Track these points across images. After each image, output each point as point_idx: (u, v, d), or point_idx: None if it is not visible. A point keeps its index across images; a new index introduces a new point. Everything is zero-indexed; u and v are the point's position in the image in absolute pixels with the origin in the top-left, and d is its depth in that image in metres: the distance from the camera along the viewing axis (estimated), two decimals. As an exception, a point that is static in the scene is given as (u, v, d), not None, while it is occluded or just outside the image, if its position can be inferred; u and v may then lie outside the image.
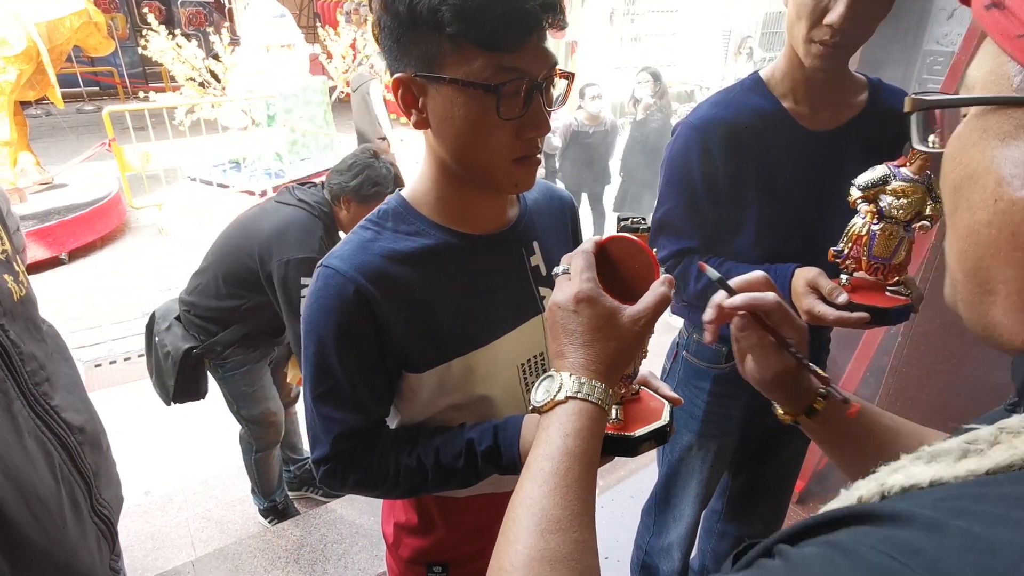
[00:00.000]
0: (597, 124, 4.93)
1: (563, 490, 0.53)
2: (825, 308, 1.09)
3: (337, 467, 0.88)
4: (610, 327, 0.60)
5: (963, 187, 0.42)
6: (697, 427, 1.51)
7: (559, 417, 0.58)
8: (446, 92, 0.73)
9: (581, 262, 0.63)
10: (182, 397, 2.20)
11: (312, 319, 0.84)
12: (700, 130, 1.27)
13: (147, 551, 2.47)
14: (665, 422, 0.75)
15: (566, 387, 0.59)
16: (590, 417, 0.58)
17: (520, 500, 0.55)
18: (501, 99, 0.72)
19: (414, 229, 0.87)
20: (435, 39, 0.71)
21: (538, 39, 0.72)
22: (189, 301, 2.14)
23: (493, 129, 0.74)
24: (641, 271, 0.66)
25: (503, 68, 0.71)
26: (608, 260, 0.68)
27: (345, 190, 2.04)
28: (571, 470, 0.54)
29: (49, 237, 5.23)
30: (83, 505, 0.96)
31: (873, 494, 0.37)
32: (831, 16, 1.07)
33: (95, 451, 1.02)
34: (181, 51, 6.90)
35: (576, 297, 0.61)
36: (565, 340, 0.61)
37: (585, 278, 0.62)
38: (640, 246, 0.66)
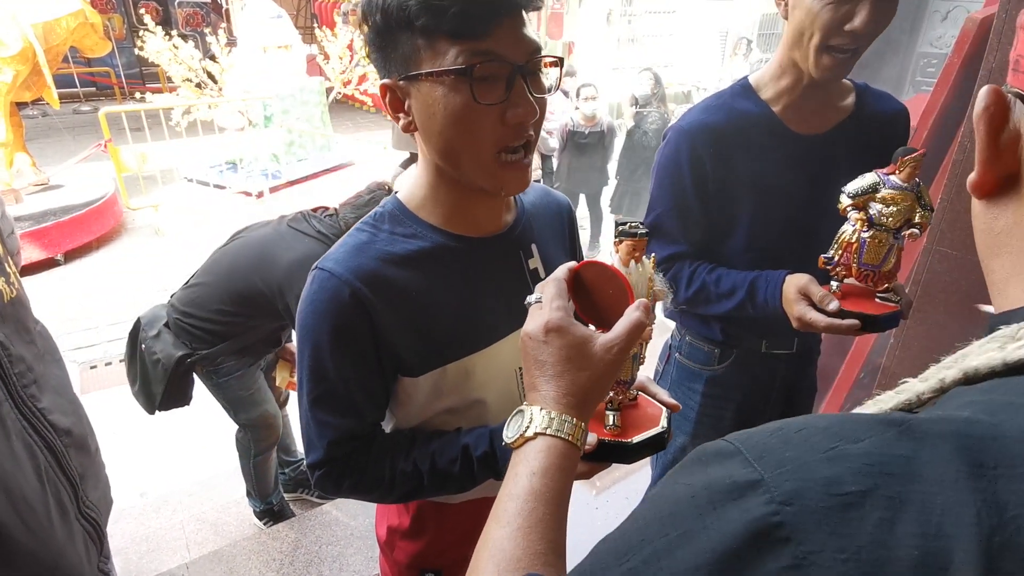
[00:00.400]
0: (593, 125, 4.93)
1: (526, 531, 0.51)
2: (816, 315, 1.10)
3: (332, 472, 0.88)
4: (581, 357, 0.58)
5: None
6: (690, 428, 1.52)
7: (527, 455, 0.56)
8: (425, 88, 0.74)
9: (552, 290, 0.62)
10: (169, 405, 2.15)
11: (307, 322, 0.83)
12: (690, 135, 1.27)
13: (141, 553, 2.47)
14: (663, 429, 0.75)
15: (536, 423, 0.57)
16: (559, 454, 0.55)
17: (483, 542, 0.53)
18: (475, 83, 0.71)
19: (410, 232, 0.86)
20: (409, 39, 0.72)
21: (512, 23, 0.72)
22: (184, 311, 2.08)
23: (475, 117, 0.73)
24: (615, 296, 0.65)
25: (476, 53, 0.70)
26: (584, 285, 0.66)
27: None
28: (535, 511, 0.52)
29: (45, 238, 5.21)
30: (69, 507, 0.96)
31: (953, 378, 0.37)
32: (855, 22, 1.06)
33: (81, 453, 1.02)
34: (178, 52, 6.89)
35: (546, 327, 0.59)
36: (537, 372, 0.60)
37: (555, 307, 0.60)
38: (612, 271, 0.65)
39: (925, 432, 0.31)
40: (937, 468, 0.30)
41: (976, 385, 0.35)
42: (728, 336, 1.42)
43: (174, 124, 6.40)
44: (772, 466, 0.32)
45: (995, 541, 0.27)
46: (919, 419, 0.33)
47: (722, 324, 1.41)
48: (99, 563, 1.04)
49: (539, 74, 0.77)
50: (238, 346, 2.11)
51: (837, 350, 2.41)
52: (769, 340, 1.41)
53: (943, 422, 0.32)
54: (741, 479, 0.33)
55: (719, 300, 1.29)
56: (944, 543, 0.28)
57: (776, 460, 0.32)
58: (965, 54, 1.94)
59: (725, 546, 0.31)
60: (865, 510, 0.29)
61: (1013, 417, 0.31)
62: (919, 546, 0.28)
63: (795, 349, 1.42)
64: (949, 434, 0.31)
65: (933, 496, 0.29)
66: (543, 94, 0.77)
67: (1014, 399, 0.32)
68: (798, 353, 1.43)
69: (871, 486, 0.30)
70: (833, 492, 0.30)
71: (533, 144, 0.80)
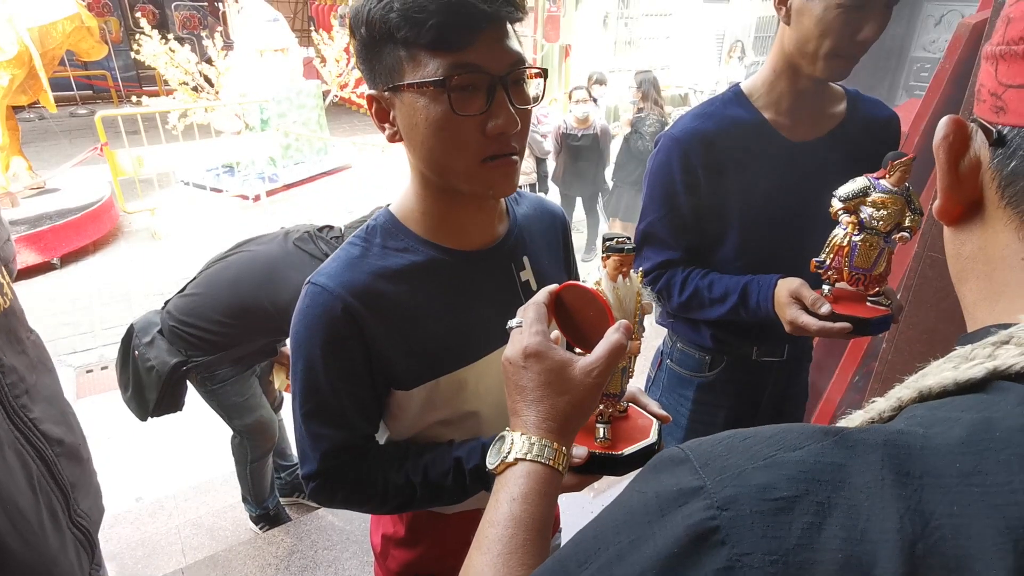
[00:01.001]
0: (586, 127, 4.94)
1: (506, 557, 0.51)
2: (808, 318, 1.11)
3: (326, 483, 0.88)
4: (560, 381, 0.58)
5: None
6: (681, 435, 1.52)
7: (508, 481, 0.56)
8: (408, 99, 0.74)
9: (531, 314, 0.62)
10: (161, 411, 2.14)
11: (300, 336, 0.84)
12: (682, 142, 1.28)
13: (137, 558, 2.46)
14: (653, 440, 0.75)
15: (516, 448, 0.57)
16: (540, 479, 0.55)
17: (465, 569, 0.53)
18: (453, 95, 0.71)
19: (402, 245, 0.87)
20: (392, 51, 0.73)
21: (493, 34, 0.72)
22: (181, 319, 2.06)
23: (456, 128, 0.74)
24: (596, 318, 0.65)
25: (455, 65, 0.71)
26: (565, 308, 0.66)
27: None
28: (515, 537, 0.52)
29: (41, 242, 5.20)
30: (61, 516, 0.97)
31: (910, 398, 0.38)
32: (867, 31, 1.08)
33: (73, 463, 1.03)
34: (174, 55, 6.89)
35: (524, 352, 0.59)
36: (517, 397, 0.59)
37: (534, 331, 0.60)
38: (592, 294, 0.65)
39: (857, 441, 0.32)
40: (865, 475, 0.31)
41: (927, 403, 0.36)
42: (719, 343, 1.42)
43: (170, 127, 6.39)
44: (714, 473, 0.33)
45: (918, 548, 0.28)
46: (855, 429, 0.34)
47: (713, 330, 1.41)
48: (90, 571, 1.05)
49: (522, 85, 0.77)
50: (235, 356, 2.12)
51: (831, 354, 2.41)
52: (760, 347, 1.41)
53: (876, 432, 0.33)
54: (686, 486, 0.34)
55: (712, 305, 1.29)
56: (868, 547, 0.29)
57: (719, 467, 0.34)
58: (958, 59, 1.95)
59: (668, 550, 0.32)
60: (794, 514, 0.30)
61: (946, 431, 0.32)
62: (844, 550, 0.29)
63: (785, 356, 1.43)
64: (879, 443, 0.32)
65: (860, 502, 0.30)
66: (526, 105, 0.77)
67: (952, 414, 0.33)
68: (788, 361, 1.44)
69: (802, 492, 0.31)
70: (766, 497, 0.31)
71: (520, 152, 0.80)
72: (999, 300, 0.40)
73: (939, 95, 2.02)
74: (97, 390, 3.72)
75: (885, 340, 2.02)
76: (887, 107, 1.32)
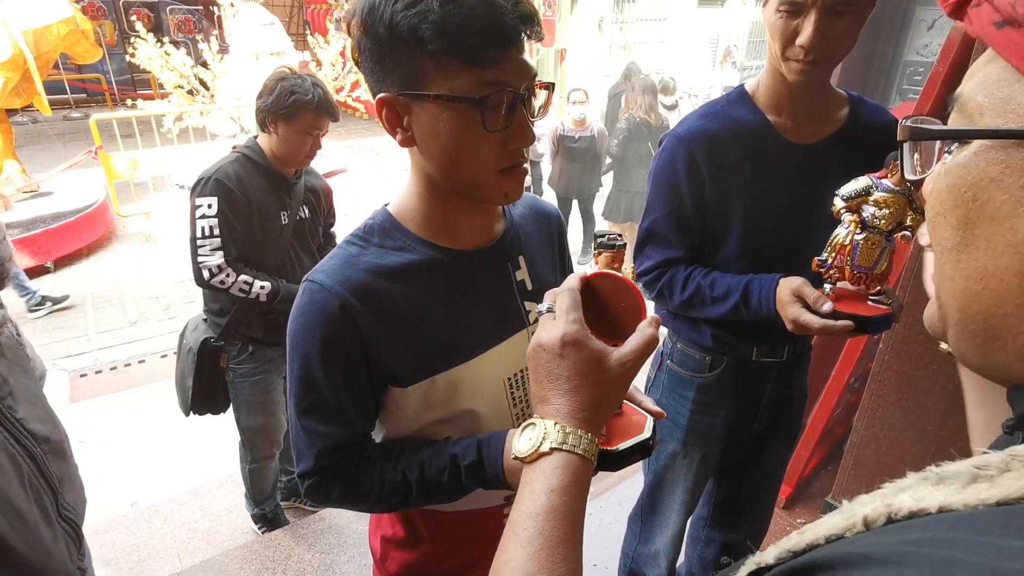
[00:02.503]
0: (583, 129, 4.94)
1: (548, 551, 0.50)
2: (810, 317, 1.11)
3: (321, 481, 0.88)
4: (597, 372, 0.57)
5: (979, 225, 0.37)
6: (682, 435, 1.52)
7: (543, 471, 0.55)
8: (431, 109, 0.74)
9: (567, 301, 0.61)
10: (201, 402, 2.18)
11: (297, 333, 0.84)
12: (687, 141, 1.28)
13: (132, 563, 2.44)
14: (647, 436, 0.75)
15: (551, 438, 0.56)
16: (576, 470, 0.55)
17: (504, 561, 0.52)
18: (486, 112, 0.72)
19: (400, 244, 0.87)
20: (417, 57, 0.71)
21: (518, 51, 0.73)
22: (204, 303, 2.18)
23: (479, 142, 0.75)
24: (627, 308, 0.65)
25: (486, 82, 0.72)
26: (592, 295, 0.66)
27: (267, 112, 1.95)
28: (556, 530, 0.51)
29: (35, 245, 5.18)
30: (51, 511, 1.00)
31: (879, 515, 0.35)
32: (801, 38, 1.10)
33: (59, 459, 1.07)
34: (169, 58, 6.87)
35: (562, 340, 0.58)
36: (549, 384, 0.58)
37: (571, 319, 0.59)
38: (627, 284, 0.65)
39: None
40: None
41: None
42: (719, 343, 1.43)
43: (165, 131, 6.37)
44: None
45: None
46: None
47: (713, 330, 1.42)
48: (78, 561, 1.09)
49: (533, 98, 0.79)
50: (240, 318, 2.11)
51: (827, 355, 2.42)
52: (760, 347, 1.42)
53: None
54: None
55: (713, 304, 1.29)
56: None
57: None
58: (951, 63, 1.96)
59: None
60: None
61: None
62: None
63: (785, 357, 1.43)
64: None
65: None
66: (534, 117, 0.79)
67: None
68: (788, 361, 1.44)
69: None
70: None
71: (527, 158, 0.82)
72: None
73: (933, 98, 2.04)
74: (91, 394, 3.69)
75: (881, 341, 2.03)
76: (888, 113, 1.33)
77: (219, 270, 1.94)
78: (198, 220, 1.93)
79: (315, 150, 2.04)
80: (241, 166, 1.99)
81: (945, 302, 0.42)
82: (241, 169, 1.98)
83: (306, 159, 2.05)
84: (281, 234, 2.09)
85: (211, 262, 1.93)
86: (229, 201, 1.93)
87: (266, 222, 2.03)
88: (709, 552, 1.80)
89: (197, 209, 1.93)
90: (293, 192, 2.11)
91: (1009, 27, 0.35)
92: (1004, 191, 0.36)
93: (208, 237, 1.93)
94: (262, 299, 1.99)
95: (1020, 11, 0.35)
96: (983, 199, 0.37)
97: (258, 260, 2.06)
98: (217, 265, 1.94)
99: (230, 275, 1.95)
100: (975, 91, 0.39)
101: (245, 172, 1.99)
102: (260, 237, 2.03)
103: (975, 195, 0.37)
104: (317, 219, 2.24)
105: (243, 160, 2.01)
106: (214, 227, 1.92)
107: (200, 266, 1.94)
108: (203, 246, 1.93)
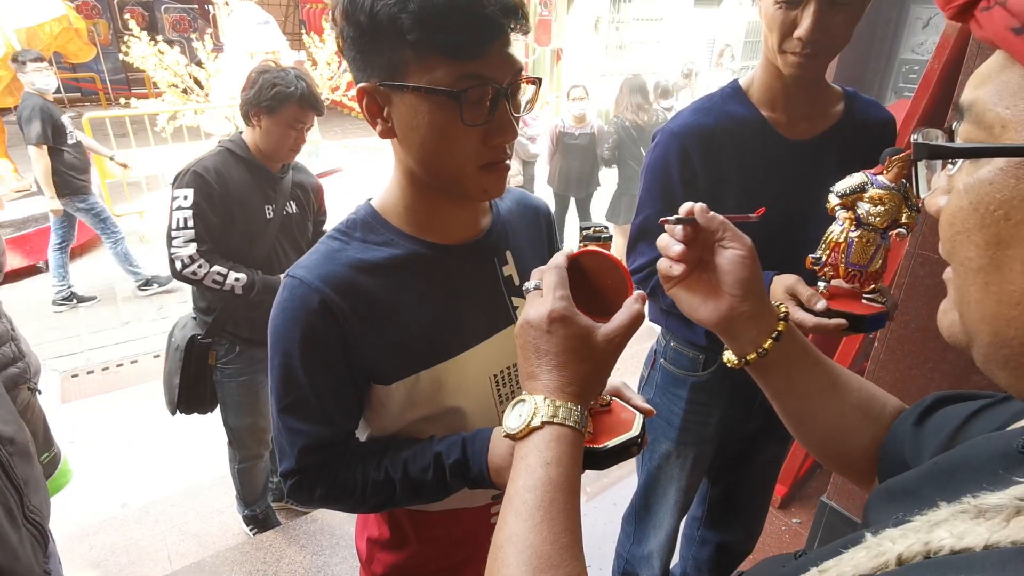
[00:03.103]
0: (583, 126, 4.94)
1: (550, 523, 0.51)
2: (804, 314, 1.10)
3: (304, 480, 0.87)
4: (584, 348, 0.58)
5: (1012, 246, 0.35)
6: (675, 435, 1.51)
7: (537, 445, 0.55)
8: (410, 100, 0.73)
9: (554, 278, 0.61)
10: (188, 401, 2.18)
11: (278, 330, 0.82)
12: (680, 137, 1.27)
13: (122, 565, 2.42)
14: (635, 434, 0.73)
15: (541, 412, 0.56)
16: (569, 442, 0.55)
17: (506, 537, 0.52)
18: (464, 106, 0.71)
19: (383, 239, 0.86)
20: (397, 48, 0.70)
21: (502, 45, 0.72)
22: (193, 301, 2.18)
23: (459, 136, 0.74)
24: (614, 286, 0.65)
25: (466, 75, 0.70)
26: (579, 273, 0.66)
27: (249, 105, 1.93)
28: (555, 500, 0.52)
29: (27, 245, 5.15)
30: (17, 513, 0.98)
31: (915, 554, 0.33)
32: (800, 30, 1.09)
33: (24, 460, 1.05)
34: (163, 57, 6.84)
35: (550, 316, 0.58)
36: (537, 361, 0.59)
37: (559, 296, 0.59)
38: (614, 261, 0.64)
39: None
40: None
41: None
42: (713, 341, 1.41)
43: (159, 130, 6.34)
44: None
45: None
46: None
47: (707, 329, 1.40)
48: (43, 564, 1.07)
49: (518, 94, 0.77)
50: (228, 314, 2.10)
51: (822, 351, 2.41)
52: None
53: None
54: None
55: None
56: None
57: None
58: (946, 60, 1.95)
59: None
60: None
61: None
62: None
63: None
64: None
65: None
66: (518, 112, 0.78)
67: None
68: None
69: None
70: None
71: (510, 156, 0.80)
72: None
73: (928, 96, 2.03)
74: (82, 395, 3.67)
75: (877, 339, 2.02)
76: (884, 109, 1.32)
77: (191, 260, 1.93)
78: (174, 212, 1.93)
79: (299, 144, 2.02)
80: (223, 160, 1.99)
81: (972, 325, 0.39)
82: (222, 162, 1.98)
83: (290, 153, 2.03)
84: (267, 228, 2.07)
85: (183, 253, 1.93)
86: (205, 194, 1.92)
87: (249, 216, 2.02)
88: (703, 553, 1.78)
89: (174, 201, 1.93)
90: (279, 187, 2.09)
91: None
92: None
93: (182, 228, 1.92)
94: (237, 291, 1.97)
95: None
96: (1017, 219, 0.35)
97: (243, 254, 2.04)
98: (189, 256, 1.93)
99: (202, 266, 1.94)
100: (992, 101, 0.36)
101: (226, 166, 1.98)
102: (243, 230, 2.02)
103: (1007, 214, 0.35)
104: (306, 215, 2.22)
105: (225, 154, 2.00)
106: (188, 219, 1.92)
107: (172, 257, 1.94)
108: (177, 237, 1.93)
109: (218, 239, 1.98)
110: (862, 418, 0.68)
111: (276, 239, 2.11)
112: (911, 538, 0.34)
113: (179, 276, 1.96)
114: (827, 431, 0.70)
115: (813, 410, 0.70)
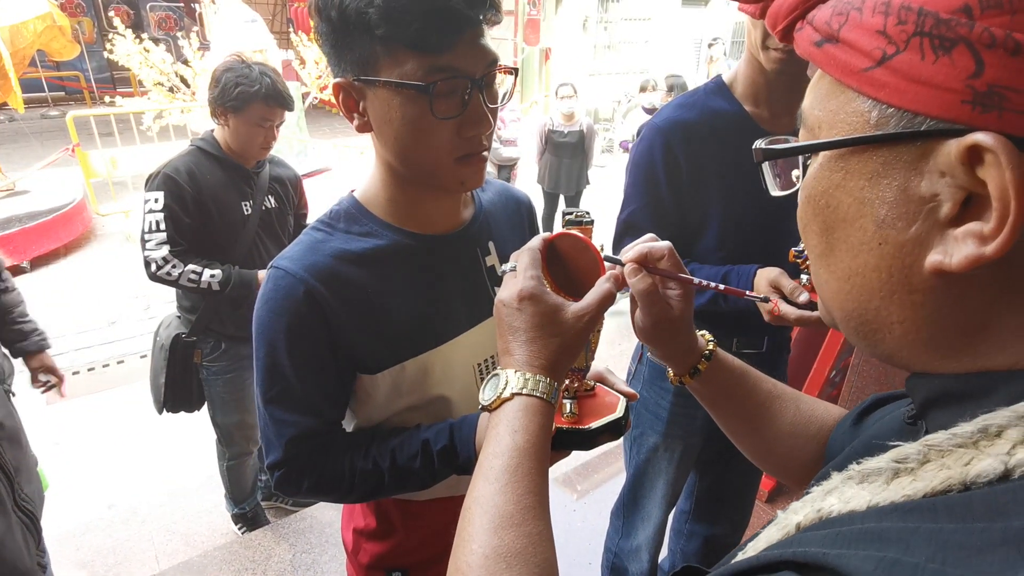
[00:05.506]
0: (572, 124, 4.96)
1: (514, 485, 0.54)
2: (787, 307, 1.11)
3: (291, 472, 0.87)
4: (553, 324, 0.60)
5: (837, 229, 0.40)
6: (663, 428, 1.52)
7: (507, 414, 0.58)
8: (382, 95, 0.73)
9: (527, 259, 0.63)
10: (174, 400, 2.17)
11: (262, 321, 0.83)
12: (664, 132, 1.28)
13: (109, 566, 2.40)
14: (620, 415, 0.76)
15: (512, 384, 0.59)
16: (537, 411, 0.58)
17: (473, 499, 0.55)
18: (435, 99, 0.71)
19: (366, 230, 0.86)
20: (367, 43, 0.71)
21: (473, 36, 0.72)
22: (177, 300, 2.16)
23: (432, 129, 0.74)
24: (587, 267, 0.67)
25: (436, 68, 0.70)
26: (556, 255, 0.68)
27: (215, 104, 1.92)
28: (521, 465, 0.55)
29: (10, 245, 5.08)
30: (6, 500, 0.97)
31: (811, 520, 0.37)
32: None
33: (14, 447, 1.04)
34: (149, 55, 6.78)
35: (520, 295, 0.61)
36: (510, 337, 0.62)
37: (529, 275, 0.62)
38: (585, 243, 0.66)
39: None
40: None
41: None
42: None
43: (145, 129, 6.29)
44: None
45: None
46: None
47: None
48: (36, 555, 1.06)
49: (494, 84, 0.78)
50: (213, 312, 2.09)
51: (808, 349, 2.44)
52: (740, 339, 1.42)
53: None
54: None
55: None
56: None
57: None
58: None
59: None
60: None
61: None
62: None
63: (765, 349, 1.43)
64: None
65: None
66: (495, 104, 0.78)
67: None
68: (768, 353, 1.45)
69: None
70: None
71: (488, 148, 0.81)
72: None
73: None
74: (70, 395, 3.62)
75: (862, 334, 2.04)
76: None
77: (164, 262, 1.92)
78: (146, 215, 1.92)
79: (270, 141, 2.00)
80: (194, 159, 1.97)
81: (827, 304, 0.45)
82: (194, 162, 1.96)
83: (261, 151, 2.02)
84: (245, 224, 2.05)
85: (156, 255, 1.92)
86: (176, 196, 1.91)
87: (225, 214, 2.00)
88: (692, 545, 1.80)
89: (145, 204, 1.92)
90: (256, 183, 2.08)
91: (828, 43, 0.38)
92: (848, 195, 0.39)
93: (154, 231, 1.91)
94: (214, 287, 1.96)
95: (835, 26, 0.37)
96: (834, 205, 0.40)
97: (223, 251, 2.03)
98: (162, 257, 1.92)
99: (176, 266, 1.93)
100: (812, 106, 0.42)
101: (198, 165, 1.96)
102: (221, 228, 2.00)
103: (827, 202, 0.40)
104: (285, 209, 2.20)
105: (197, 153, 1.99)
106: (159, 222, 1.90)
107: (147, 259, 1.93)
108: (149, 240, 1.91)
109: (195, 239, 1.97)
110: (799, 439, 0.72)
111: (256, 234, 2.09)
112: (808, 507, 0.38)
113: (154, 278, 1.95)
114: (763, 451, 0.75)
115: (746, 431, 0.75)
